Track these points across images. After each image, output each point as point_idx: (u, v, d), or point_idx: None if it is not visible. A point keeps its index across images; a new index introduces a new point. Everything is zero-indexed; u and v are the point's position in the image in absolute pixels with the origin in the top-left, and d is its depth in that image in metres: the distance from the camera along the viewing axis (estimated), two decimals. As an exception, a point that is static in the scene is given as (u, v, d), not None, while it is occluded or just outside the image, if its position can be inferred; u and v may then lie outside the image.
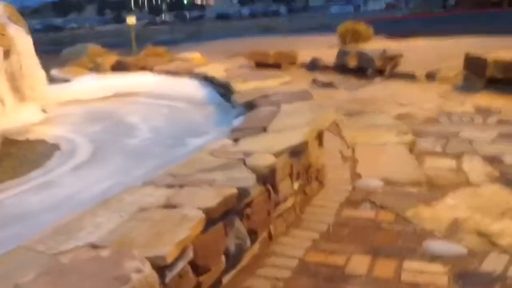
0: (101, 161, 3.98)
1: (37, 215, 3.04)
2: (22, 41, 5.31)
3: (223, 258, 2.36)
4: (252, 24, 30.73)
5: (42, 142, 4.51)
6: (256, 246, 2.59)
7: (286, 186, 2.89)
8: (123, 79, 6.70)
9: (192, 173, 2.84)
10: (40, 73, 5.49)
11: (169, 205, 2.41)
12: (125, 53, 12.18)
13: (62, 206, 3.14)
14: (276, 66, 9.17)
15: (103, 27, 53.11)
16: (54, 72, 6.99)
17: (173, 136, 4.52)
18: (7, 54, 5.02)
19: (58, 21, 70.31)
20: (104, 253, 2.00)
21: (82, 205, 2.63)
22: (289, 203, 2.91)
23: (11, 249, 2.12)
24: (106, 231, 2.21)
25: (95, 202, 2.61)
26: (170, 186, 2.70)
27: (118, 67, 7.27)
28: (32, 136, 4.62)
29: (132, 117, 5.23)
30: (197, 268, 2.19)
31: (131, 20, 14.35)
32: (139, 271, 1.86)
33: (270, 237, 2.73)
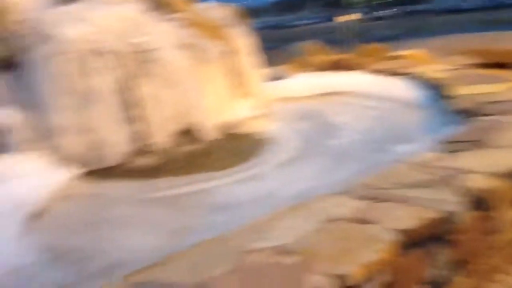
0: (305, 160, 4.03)
1: (240, 207, 3.22)
2: (242, 40, 5.73)
3: (418, 288, 2.10)
4: (484, 17, 27.68)
5: (253, 136, 4.80)
6: (464, 281, 2.24)
7: (507, 215, 2.43)
8: (334, 78, 6.70)
9: (390, 187, 2.63)
10: (257, 71, 5.85)
11: (360, 220, 2.26)
12: (341, 50, 12.27)
13: (263, 201, 3.26)
14: (507, 66, 7.99)
15: (324, 24, 54.84)
16: (272, 69, 7.40)
17: (376, 140, 4.31)
18: (227, 53, 5.48)
19: (281, 19, 75.39)
20: (289, 260, 1.96)
21: (280, 203, 2.68)
22: (510, 235, 2.45)
23: (206, 240, 2.25)
24: (294, 237, 2.18)
25: (293, 201, 2.62)
26: (363, 198, 2.54)
27: (331, 66, 7.32)
28: (244, 130, 4.95)
29: (338, 117, 5.17)
30: (388, 295, 1.98)
31: (345, 17, 14.38)
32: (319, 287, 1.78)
33: (482, 272, 2.33)
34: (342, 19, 14.56)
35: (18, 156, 3.74)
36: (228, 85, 5.38)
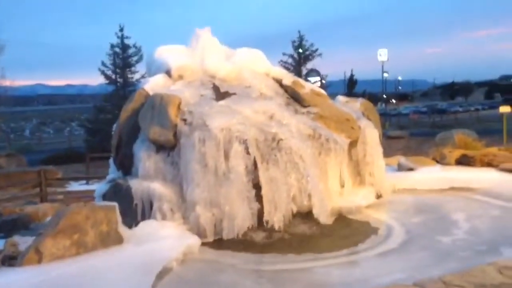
0: (407, 252, 4.19)
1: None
2: (370, 133, 6.14)
3: None
4: None
5: (364, 223, 5.07)
6: None
7: None
8: (464, 174, 6.65)
9: (466, 286, 2.78)
10: (380, 162, 6.16)
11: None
12: (497, 142, 11.64)
13: (353, 285, 3.57)
14: None
15: (489, 111, 51.55)
16: (401, 160, 7.58)
17: (489, 241, 4.26)
18: (354, 144, 5.94)
19: (443, 104, 73.02)
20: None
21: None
22: None
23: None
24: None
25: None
26: (435, 292, 2.73)
27: (463, 161, 7.22)
28: (358, 216, 5.24)
29: (456, 214, 5.16)
30: None
31: (504, 108, 13.69)
32: None
33: None
34: (506, 109, 13.81)
35: (160, 222, 4.63)
36: (349, 174, 5.79)
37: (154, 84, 6.10)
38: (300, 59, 35.49)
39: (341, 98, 6.85)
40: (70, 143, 30.45)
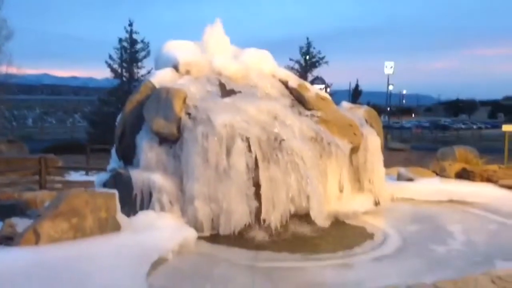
0: (401, 259, 4.21)
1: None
2: (372, 140, 6.17)
3: None
4: None
5: (361, 229, 5.10)
6: None
7: None
8: (463, 187, 6.67)
9: (457, 292, 2.79)
10: (380, 169, 6.18)
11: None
12: (497, 161, 11.64)
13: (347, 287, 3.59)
14: None
15: (491, 130, 51.58)
16: (401, 170, 7.60)
17: (484, 253, 4.28)
18: (355, 150, 5.96)
19: (446, 120, 73.19)
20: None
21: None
22: None
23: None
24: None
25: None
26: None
27: (462, 175, 7.23)
28: (355, 222, 5.28)
29: (452, 226, 5.18)
30: None
31: (508, 127, 13.69)
32: None
33: None
34: (510, 127, 13.78)
35: (158, 213, 4.66)
36: (349, 179, 5.81)
37: (160, 78, 6.13)
38: (306, 66, 35.56)
39: (345, 104, 6.88)
40: (72, 134, 30.51)
